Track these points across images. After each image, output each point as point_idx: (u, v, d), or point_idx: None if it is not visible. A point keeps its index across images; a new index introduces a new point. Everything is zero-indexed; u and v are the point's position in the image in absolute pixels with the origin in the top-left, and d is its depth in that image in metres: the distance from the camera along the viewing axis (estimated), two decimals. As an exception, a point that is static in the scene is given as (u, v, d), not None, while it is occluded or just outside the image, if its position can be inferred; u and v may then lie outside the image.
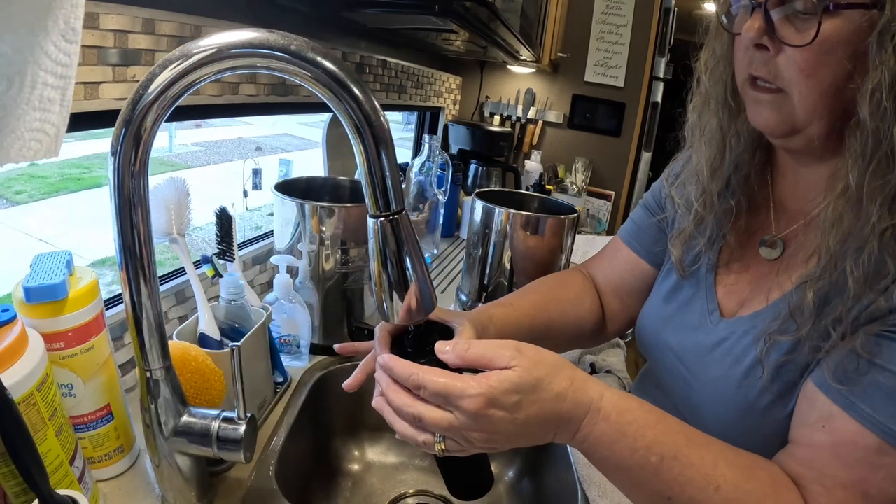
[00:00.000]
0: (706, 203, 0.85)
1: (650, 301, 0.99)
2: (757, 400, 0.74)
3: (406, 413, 0.64)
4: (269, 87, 1.25)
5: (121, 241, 0.60)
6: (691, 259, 0.90)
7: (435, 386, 0.61)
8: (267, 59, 0.54)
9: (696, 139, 0.87)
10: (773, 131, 0.73)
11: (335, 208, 1.05)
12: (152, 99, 0.55)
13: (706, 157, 0.84)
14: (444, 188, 1.93)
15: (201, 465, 0.75)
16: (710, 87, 0.82)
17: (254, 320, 0.93)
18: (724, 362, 0.79)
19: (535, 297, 1.00)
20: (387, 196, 0.60)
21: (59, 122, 0.37)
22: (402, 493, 1.10)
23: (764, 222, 0.85)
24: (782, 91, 0.68)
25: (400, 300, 0.65)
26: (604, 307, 1.08)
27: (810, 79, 0.64)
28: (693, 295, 0.89)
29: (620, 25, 2.82)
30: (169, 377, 0.68)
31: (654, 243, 1.02)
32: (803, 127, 0.69)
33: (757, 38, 0.66)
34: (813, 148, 0.72)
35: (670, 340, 0.90)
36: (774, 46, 0.66)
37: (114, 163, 0.56)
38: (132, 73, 0.88)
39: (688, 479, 0.63)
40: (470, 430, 0.61)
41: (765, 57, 0.68)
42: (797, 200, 0.81)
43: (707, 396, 0.81)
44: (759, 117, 0.73)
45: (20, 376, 0.57)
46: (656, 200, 1.03)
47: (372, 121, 0.56)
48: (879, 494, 0.62)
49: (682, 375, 0.86)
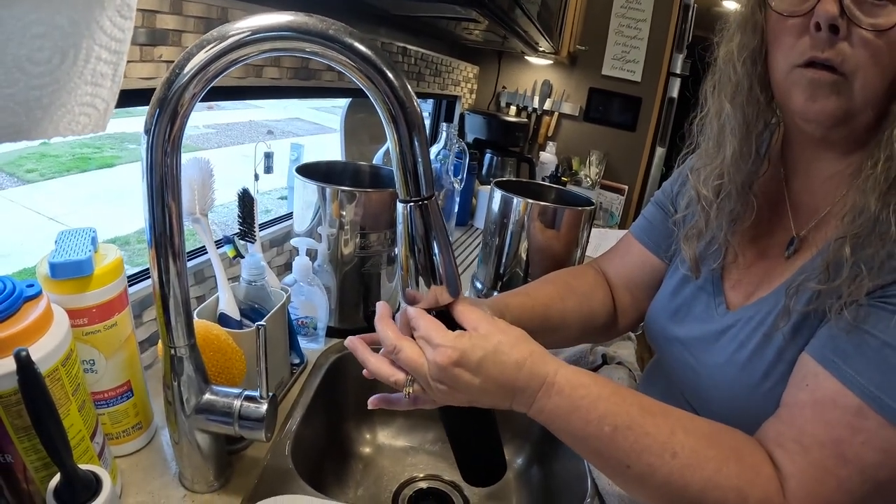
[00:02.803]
0: (724, 200, 0.85)
1: (659, 295, 0.99)
2: (761, 381, 0.75)
3: (389, 343, 0.69)
4: (291, 71, 1.25)
5: (151, 218, 0.60)
6: (704, 256, 0.89)
7: (426, 324, 0.67)
8: (304, 42, 0.55)
9: (718, 135, 0.85)
10: (826, 120, 0.69)
11: (356, 193, 1.05)
12: (188, 79, 0.55)
13: (730, 150, 0.82)
14: (460, 177, 1.93)
15: (220, 444, 0.76)
16: (740, 79, 0.79)
17: (273, 301, 0.93)
18: (728, 348, 0.80)
19: (550, 289, 1.01)
20: (417, 181, 0.60)
21: (109, 97, 0.37)
22: (412, 477, 1.11)
23: (781, 221, 0.85)
24: (843, 76, 0.66)
25: (426, 285, 0.65)
26: (615, 302, 1.09)
27: (877, 66, 0.63)
28: (700, 288, 0.90)
29: (640, 20, 2.80)
30: (193, 355, 0.69)
31: (664, 240, 1.01)
32: (856, 115, 0.67)
33: (833, 18, 0.63)
34: (849, 141, 0.71)
35: (677, 332, 0.90)
36: (845, 30, 0.64)
37: (148, 141, 0.57)
38: (159, 52, 0.88)
39: (644, 447, 0.64)
40: (434, 379, 0.66)
41: (831, 40, 0.65)
42: (813, 196, 0.80)
43: (713, 382, 0.81)
44: (814, 104, 0.69)
45: (46, 351, 0.58)
46: (668, 198, 1.03)
47: (406, 107, 0.57)
48: (856, 460, 0.61)
49: (689, 364, 0.86)
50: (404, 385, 0.69)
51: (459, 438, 0.78)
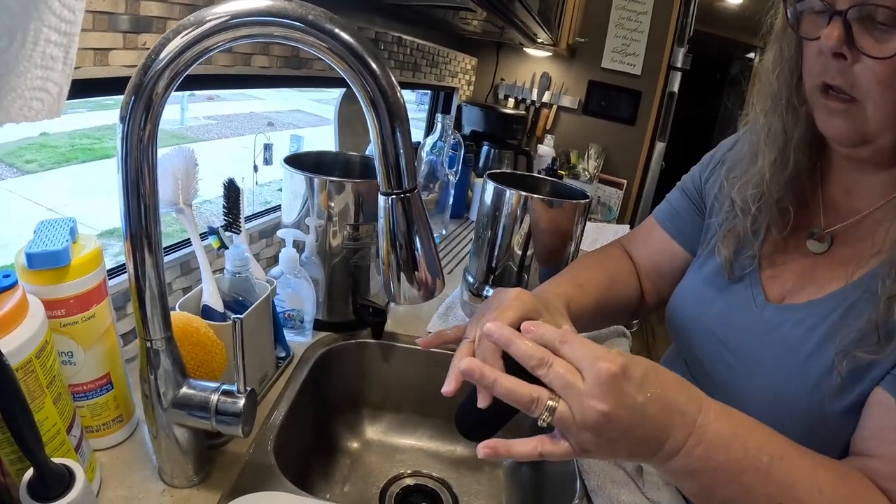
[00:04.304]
0: (764, 206, 0.84)
1: (686, 284, 0.98)
2: (813, 391, 0.72)
3: (535, 357, 0.59)
4: (282, 60, 1.23)
5: (126, 209, 0.59)
6: (739, 257, 0.89)
7: (577, 339, 0.59)
8: (282, 27, 0.53)
9: (758, 140, 0.85)
10: (844, 141, 0.72)
11: (345, 183, 1.03)
12: (164, 65, 0.53)
13: (769, 161, 0.83)
14: (455, 169, 1.91)
15: (199, 438, 0.74)
16: (777, 89, 0.81)
17: (258, 293, 0.92)
18: (778, 349, 0.78)
19: (598, 278, 1.00)
20: (399, 174, 0.59)
21: (61, 80, 0.36)
22: (399, 473, 1.10)
23: (810, 218, 0.85)
24: (855, 101, 0.67)
25: (407, 281, 0.64)
26: (641, 286, 1.10)
27: (887, 91, 0.64)
28: (736, 281, 0.88)
29: (640, 13, 2.79)
30: (169, 348, 0.67)
31: (689, 227, 1.02)
32: (874, 138, 0.69)
33: (836, 46, 0.64)
34: (878, 158, 0.72)
35: (712, 324, 0.88)
36: (853, 56, 0.65)
37: (123, 130, 0.55)
38: (143, 40, 0.87)
39: (795, 480, 0.59)
40: (592, 396, 0.56)
41: (841, 66, 0.66)
42: (849, 198, 0.80)
43: (757, 383, 0.79)
44: (831, 127, 0.72)
45: (19, 343, 0.56)
46: (696, 186, 1.03)
47: (388, 96, 0.55)
48: None
49: (725, 360, 0.84)
50: (544, 406, 0.58)
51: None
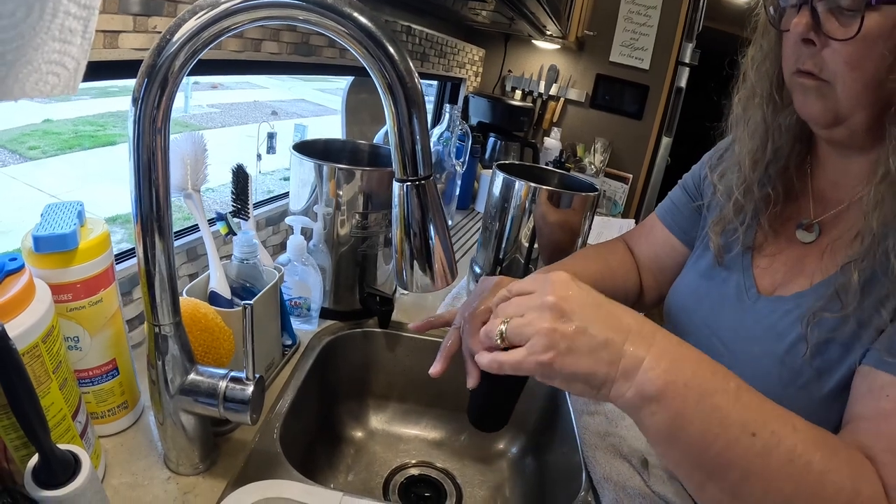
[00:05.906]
0: (746, 191, 0.88)
1: (683, 278, 1.01)
2: (796, 376, 0.75)
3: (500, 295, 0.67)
4: (291, 46, 1.22)
5: (137, 193, 0.58)
6: (728, 244, 0.91)
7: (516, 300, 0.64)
8: (300, 10, 0.52)
9: (739, 131, 0.90)
10: (818, 120, 0.75)
11: (354, 171, 1.02)
12: (178, 46, 0.53)
13: (749, 149, 0.87)
14: (462, 159, 1.90)
15: (205, 425, 0.74)
16: (757, 82, 0.85)
17: (265, 280, 0.91)
18: (765, 339, 0.80)
19: (594, 268, 1.05)
20: (415, 160, 0.58)
21: (79, 55, 0.35)
22: (404, 463, 1.10)
23: (800, 209, 0.87)
24: (826, 81, 0.70)
25: (420, 269, 0.64)
26: (641, 281, 1.12)
27: (854, 71, 0.67)
28: (729, 274, 0.90)
29: (650, 7, 2.77)
30: (178, 333, 0.67)
31: (689, 223, 1.05)
32: (847, 117, 0.71)
33: (804, 32, 0.69)
34: (855, 139, 0.74)
35: (706, 316, 0.91)
36: (820, 41, 0.69)
37: (135, 112, 0.54)
38: (153, 23, 0.86)
39: (767, 410, 0.58)
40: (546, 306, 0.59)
41: (811, 51, 0.70)
42: (836, 189, 0.82)
43: (747, 372, 0.79)
44: (805, 107, 0.75)
45: (25, 327, 0.56)
46: (695, 182, 1.06)
47: (406, 82, 0.55)
48: None
49: (718, 351, 0.86)
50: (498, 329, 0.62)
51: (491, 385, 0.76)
